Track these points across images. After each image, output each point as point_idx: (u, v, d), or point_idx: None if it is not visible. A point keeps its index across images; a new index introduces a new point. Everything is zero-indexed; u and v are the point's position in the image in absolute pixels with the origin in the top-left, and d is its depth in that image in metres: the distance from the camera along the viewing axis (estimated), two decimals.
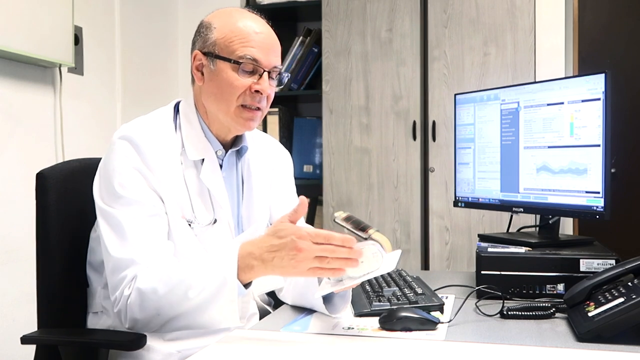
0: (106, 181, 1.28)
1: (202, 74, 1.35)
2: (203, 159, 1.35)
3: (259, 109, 1.34)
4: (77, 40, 2.42)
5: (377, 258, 1.14)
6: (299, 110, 3.43)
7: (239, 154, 1.44)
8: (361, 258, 1.13)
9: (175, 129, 1.36)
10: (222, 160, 1.39)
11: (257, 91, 1.31)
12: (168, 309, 1.19)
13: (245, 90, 1.31)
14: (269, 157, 1.53)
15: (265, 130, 3.11)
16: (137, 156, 1.27)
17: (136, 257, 1.22)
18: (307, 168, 3.18)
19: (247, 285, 1.17)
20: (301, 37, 3.12)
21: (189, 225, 1.31)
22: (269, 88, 1.33)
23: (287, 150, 1.63)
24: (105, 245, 1.25)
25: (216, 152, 1.38)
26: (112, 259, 1.24)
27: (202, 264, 1.19)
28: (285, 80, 1.40)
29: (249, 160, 1.45)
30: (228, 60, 1.30)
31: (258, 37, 1.31)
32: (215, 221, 1.34)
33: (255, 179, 1.45)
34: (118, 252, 1.23)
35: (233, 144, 1.43)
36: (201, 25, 1.37)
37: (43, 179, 1.41)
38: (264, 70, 1.31)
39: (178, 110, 1.40)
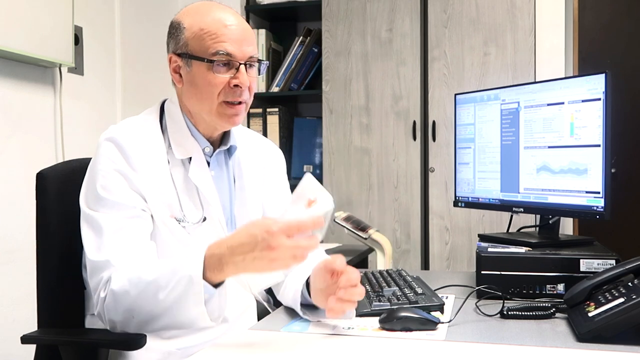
0: (90, 183, 1.28)
1: (180, 75, 1.34)
2: (190, 158, 1.35)
3: (241, 102, 1.33)
4: (77, 40, 2.42)
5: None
6: (299, 110, 3.43)
7: (229, 152, 1.43)
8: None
9: (162, 128, 1.36)
10: (210, 158, 1.39)
11: (236, 85, 1.30)
12: (141, 311, 1.18)
13: (224, 87, 1.30)
14: (260, 155, 1.52)
15: (265, 130, 3.11)
16: (120, 157, 1.27)
17: (112, 259, 1.21)
18: (307, 168, 3.18)
19: (218, 285, 1.15)
20: (301, 37, 3.12)
21: (178, 223, 1.31)
22: (248, 80, 1.31)
23: (278, 148, 1.61)
24: (85, 248, 1.26)
25: (204, 150, 1.37)
26: (90, 262, 1.24)
27: (171, 265, 1.18)
28: (264, 68, 1.38)
29: (240, 159, 1.44)
30: (202, 59, 1.29)
31: (228, 30, 1.29)
32: (204, 219, 1.33)
33: (247, 177, 1.44)
34: (95, 255, 1.23)
35: (222, 142, 1.42)
36: (171, 25, 1.35)
37: (43, 179, 1.41)
38: (240, 63, 1.30)
39: (164, 110, 1.39)
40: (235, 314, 1.37)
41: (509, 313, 1.29)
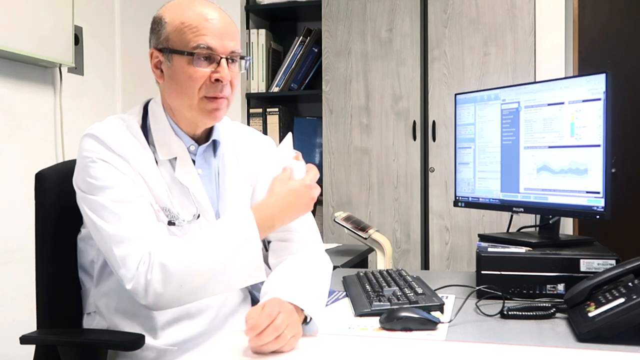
0: (80, 177, 1.27)
1: (162, 71, 1.32)
2: (176, 158, 1.33)
3: (223, 97, 1.31)
4: (77, 40, 2.42)
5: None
6: (299, 110, 3.43)
7: (215, 147, 1.42)
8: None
9: (146, 129, 1.34)
10: (196, 156, 1.37)
11: (217, 80, 1.28)
12: (193, 279, 1.18)
13: (205, 81, 1.28)
14: (248, 148, 1.49)
15: (265, 130, 3.11)
16: (102, 148, 1.26)
17: (138, 231, 1.20)
18: None
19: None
20: (301, 37, 3.12)
21: (173, 224, 1.30)
22: (229, 75, 1.29)
23: (269, 138, 1.58)
24: (98, 226, 1.22)
25: (189, 148, 1.35)
26: (110, 236, 1.21)
27: (219, 230, 1.23)
28: (248, 64, 1.37)
29: (224, 154, 1.42)
30: (182, 52, 1.27)
31: (210, 24, 1.28)
32: (199, 216, 1.33)
33: (229, 172, 1.42)
34: (114, 228, 1.21)
35: (207, 138, 1.40)
36: (153, 21, 1.34)
37: (42, 179, 1.40)
38: (221, 57, 1.28)
39: (148, 110, 1.38)
40: (229, 307, 1.37)
41: (509, 313, 1.29)
